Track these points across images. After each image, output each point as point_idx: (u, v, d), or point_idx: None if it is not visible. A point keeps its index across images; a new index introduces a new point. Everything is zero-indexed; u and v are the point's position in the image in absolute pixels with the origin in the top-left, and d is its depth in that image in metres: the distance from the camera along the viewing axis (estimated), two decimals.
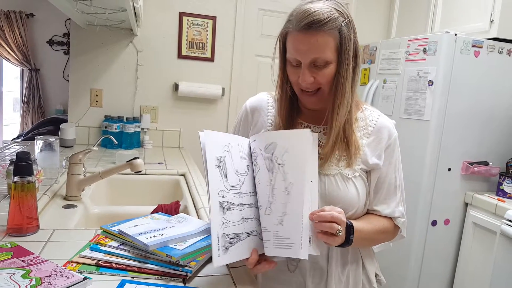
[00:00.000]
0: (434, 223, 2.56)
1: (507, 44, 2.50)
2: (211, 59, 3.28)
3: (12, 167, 1.21)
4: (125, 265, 1.01)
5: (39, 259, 1.00)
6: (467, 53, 2.44)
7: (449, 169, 2.53)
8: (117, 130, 2.98)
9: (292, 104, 1.17)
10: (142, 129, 3.16)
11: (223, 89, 3.31)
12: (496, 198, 2.39)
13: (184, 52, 3.22)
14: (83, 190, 1.77)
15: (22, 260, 0.99)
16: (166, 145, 3.27)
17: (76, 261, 1.03)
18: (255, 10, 3.35)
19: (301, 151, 0.99)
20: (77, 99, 3.09)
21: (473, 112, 2.51)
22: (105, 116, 3.08)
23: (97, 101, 3.11)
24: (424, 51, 2.52)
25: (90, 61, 3.07)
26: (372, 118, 1.16)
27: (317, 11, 1.00)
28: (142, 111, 3.19)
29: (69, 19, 3.18)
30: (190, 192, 1.97)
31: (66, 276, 0.92)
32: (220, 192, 0.95)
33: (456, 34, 2.41)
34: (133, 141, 3.05)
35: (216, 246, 0.91)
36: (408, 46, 2.67)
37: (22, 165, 1.16)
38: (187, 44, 3.22)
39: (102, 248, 1.07)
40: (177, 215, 1.29)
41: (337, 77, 1.05)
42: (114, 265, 1.02)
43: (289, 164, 0.99)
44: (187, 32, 3.20)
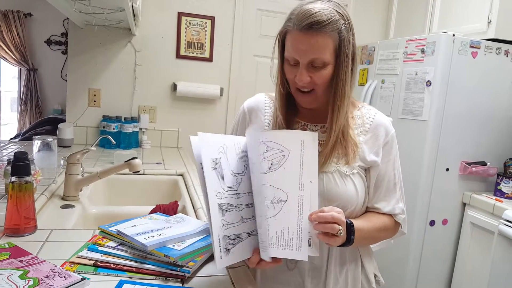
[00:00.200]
0: (432, 223, 2.56)
1: (505, 45, 2.50)
2: (210, 59, 3.28)
3: (10, 167, 1.21)
4: (123, 266, 1.01)
5: (37, 260, 1.00)
6: (465, 54, 2.45)
7: (447, 169, 2.53)
8: (115, 130, 2.98)
9: (289, 103, 1.17)
10: (140, 129, 3.16)
11: (222, 89, 3.30)
12: (494, 198, 2.40)
13: (183, 52, 3.21)
14: (81, 190, 1.77)
15: (20, 261, 0.99)
16: (165, 145, 3.26)
17: (74, 262, 1.02)
18: (254, 10, 3.35)
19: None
20: (75, 99, 3.08)
21: (471, 113, 2.52)
22: (103, 116, 3.08)
23: (95, 101, 3.10)
24: (422, 52, 2.53)
25: (88, 61, 3.06)
26: (369, 116, 1.16)
27: (319, 12, 1.00)
28: (141, 111, 3.19)
29: (67, 19, 3.18)
30: (189, 192, 1.97)
31: (64, 277, 0.92)
32: (218, 194, 0.94)
33: (454, 35, 2.42)
34: (131, 141, 3.04)
35: (218, 248, 0.91)
36: (406, 47, 2.67)
37: (20, 165, 1.15)
38: (186, 44, 3.21)
39: (100, 249, 1.07)
40: (176, 215, 1.29)
41: (336, 80, 1.05)
42: (112, 266, 1.01)
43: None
44: (186, 32, 3.20)
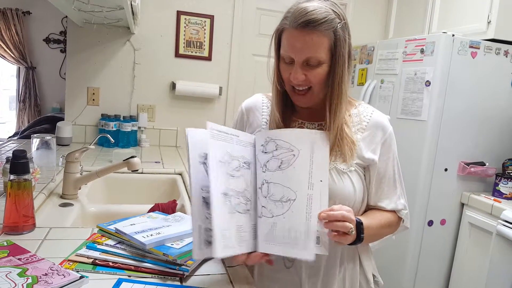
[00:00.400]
0: (431, 223, 2.56)
1: (504, 45, 2.51)
2: (209, 58, 3.28)
3: (9, 165, 1.20)
4: (122, 264, 1.01)
5: (36, 258, 1.00)
6: (464, 54, 2.45)
7: (446, 170, 2.53)
8: (114, 129, 2.98)
9: (286, 101, 1.17)
10: (139, 128, 3.16)
11: (221, 88, 3.30)
12: (492, 199, 2.40)
13: (182, 51, 3.21)
14: (80, 189, 1.77)
15: (19, 259, 0.99)
16: (163, 144, 3.26)
17: (73, 260, 1.02)
18: (253, 9, 3.34)
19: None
20: (74, 98, 3.08)
21: (470, 113, 2.52)
22: (102, 115, 3.07)
23: (94, 100, 3.10)
24: (422, 52, 2.53)
25: (87, 60, 3.06)
26: (366, 114, 1.17)
27: (315, 10, 1.00)
28: (139, 110, 3.19)
29: (66, 17, 3.17)
30: (187, 191, 1.97)
31: (63, 275, 0.92)
32: (204, 188, 0.94)
33: (454, 35, 2.42)
34: (130, 140, 3.04)
35: (198, 239, 0.91)
36: (406, 47, 2.67)
37: (19, 163, 1.15)
38: (185, 43, 3.21)
39: (99, 247, 1.07)
40: (174, 214, 1.29)
41: (333, 78, 1.06)
42: (111, 264, 1.01)
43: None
44: (185, 31, 3.19)
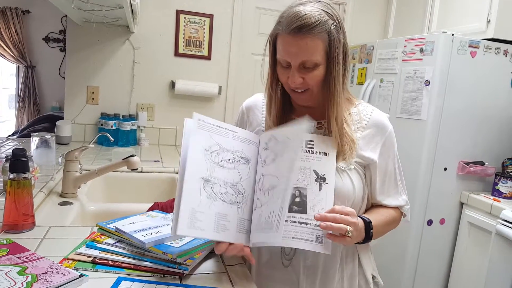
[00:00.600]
0: (430, 223, 2.56)
1: (504, 45, 2.51)
2: (208, 57, 3.28)
3: (8, 164, 1.20)
4: (122, 263, 1.01)
5: (35, 256, 1.00)
6: (464, 53, 2.45)
7: (445, 169, 2.53)
8: (114, 128, 2.98)
9: (285, 101, 1.18)
10: (139, 127, 3.16)
11: (220, 88, 3.30)
12: (492, 198, 2.40)
13: (181, 50, 3.21)
14: (79, 187, 1.77)
15: (18, 257, 0.99)
16: (163, 143, 3.26)
17: (72, 258, 1.02)
18: (253, 9, 3.34)
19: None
20: (73, 96, 3.08)
21: (470, 112, 2.52)
22: (101, 114, 3.07)
23: (93, 99, 3.10)
24: (421, 51, 2.53)
25: (87, 58, 3.05)
26: (366, 113, 1.17)
27: (307, 15, 1.01)
28: (139, 109, 3.19)
29: (66, 16, 3.17)
30: None
31: (62, 273, 0.92)
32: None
33: (453, 34, 2.42)
34: (130, 139, 3.04)
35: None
36: (405, 46, 2.67)
37: (18, 162, 1.15)
38: (184, 42, 3.21)
39: (99, 245, 1.07)
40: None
41: (328, 79, 1.06)
42: (111, 262, 1.01)
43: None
44: (184, 30, 3.19)
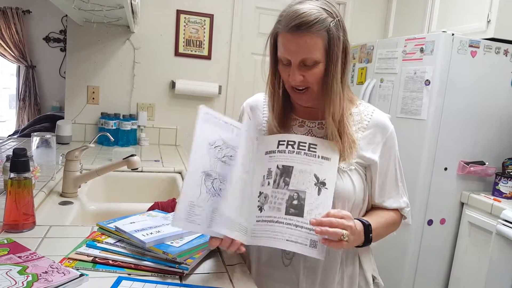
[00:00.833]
0: (430, 223, 2.56)
1: (504, 44, 2.51)
2: (208, 57, 3.28)
3: (9, 164, 1.20)
4: (122, 262, 1.01)
5: (36, 256, 1.00)
6: (464, 53, 2.45)
7: (445, 169, 2.53)
8: (114, 127, 2.98)
9: (286, 101, 1.18)
10: (139, 127, 3.16)
11: (220, 87, 3.30)
12: (492, 198, 2.40)
13: (181, 50, 3.21)
14: (80, 187, 1.77)
15: (19, 256, 0.99)
16: (163, 143, 3.26)
17: (73, 258, 1.02)
18: (253, 8, 3.35)
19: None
20: (74, 96, 3.08)
21: (470, 112, 2.52)
22: (102, 113, 3.07)
23: (94, 98, 3.10)
24: (421, 51, 2.53)
25: (87, 58, 3.06)
26: (367, 113, 1.17)
27: (305, 13, 1.01)
28: (139, 109, 3.19)
29: (66, 16, 3.17)
30: None
31: (63, 273, 0.92)
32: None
33: (453, 34, 2.42)
34: (130, 139, 3.04)
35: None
36: (405, 46, 2.67)
37: (19, 162, 1.15)
38: (184, 42, 3.21)
39: (99, 245, 1.07)
40: (174, 213, 1.29)
41: (327, 76, 1.06)
42: (111, 262, 1.01)
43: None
44: (184, 30, 3.19)
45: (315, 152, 1.05)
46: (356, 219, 1.04)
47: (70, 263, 1.00)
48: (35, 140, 1.80)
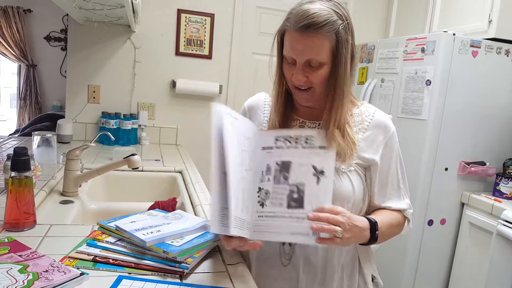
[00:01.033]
0: (431, 223, 2.56)
1: (505, 44, 2.50)
2: (209, 57, 3.28)
3: (10, 162, 1.21)
4: (122, 261, 1.01)
5: (36, 254, 1.00)
6: (465, 53, 2.45)
7: (446, 169, 2.53)
8: (114, 127, 2.98)
9: (288, 100, 1.18)
10: (139, 126, 3.16)
11: (221, 87, 3.30)
12: (493, 199, 2.40)
13: (182, 49, 3.21)
14: (80, 186, 1.77)
15: (19, 255, 0.99)
16: (163, 142, 3.26)
17: (73, 257, 1.02)
18: (253, 8, 3.34)
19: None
20: (75, 95, 3.08)
21: (471, 112, 2.52)
22: (103, 113, 3.08)
23: (95, 97, 3.10)
24: (422, 51, 2.53)
25: (88, 57, 3.06)
26: (368, 114, 1.16)
27: (316, 13, 1.00)
28: (140, 108, 3.19)
29: (67, 15, 3.17)
30: (187, 189, 1.97)
31: (63, 271, 0.92)
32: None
33: (455, 34, 2.42)
34: (130, 138, 3.04)
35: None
36: (406, 46, 2.67)
37: (20, 160, 1.16)
38: (185, 41, 3.21)
39: (99, 244, 1.07)
40: (174, 212, 1.30)
41: (334, 80, 1.05)
42: (111, 261, 1.01)
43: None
44: (185, 29, 3.19)
45: (313, 143, 1.04)
46: (363, 217, 1.04)
47: (71, 262, 1.00)
48: (36, 139, 1.80)
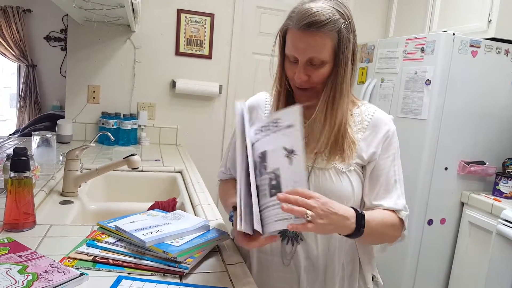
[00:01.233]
0: (430, 222, 2.56)
1: (505, 44, 2.51)
2: (209, 57, 3.28)
3: (9, 163, 1.20)
4: (122, 261, 1.01)
5: (36, 255, 1.00)
6: (465, 53, 2.45)
7: (446, 169, 2.53)
8: (114, 127, 2.98)
9: (289, 99, 1.17)
10: (139, 126, 3.16)
11: (221, 87, 3.30)
12: (492, 198, 2.40)
13: (182, 49, 3.21)
14: (80, 186, 1.77)
15: (19, 256, 0.99)
16: (163, 142, 3.26)
17: (73, 257, 1.02)
18: (253, 8, 3.34)
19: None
20: (74, 95, 3.08)
21: (470, 112, 2.52)
22: (102, 113, 3.07)
23: (94, 98, 3.10)
24: (422, 51, 2.53)
25: (88, 57, 3.06)
26: (368, 113, 1.16)
27: (318, 12, 1.00)
28: (139, 108, 3.19)
29: (67, 15, 3.17)
30: (187, 189, 1.97)
31: (63, 272, 0.92)
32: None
33: (454, 34, 2.42)
34: (130, 138, 3.04)
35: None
36: (406, 45, 2.67)
37: (19, 161, 1.15)
38: (185, 41, 3.21)
39: (99, 244, 1.07)
40: (174, 212, 1.30)
41: (334, 78, 1.06)
42: (111, 261, 1.01)
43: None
44: (185, 29, 3.19)
45: (280, 124, 0.99)
46: (351, 207, 0.99)
47: (70, 262, 1.00)
48: (36, 139, 1.81)
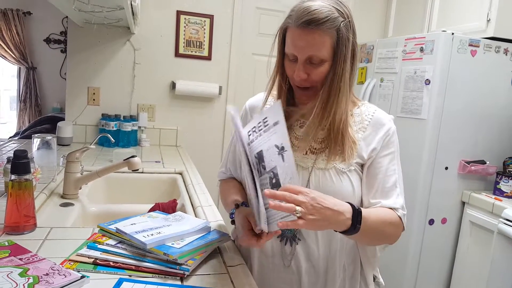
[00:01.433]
0: (431, 222, 2.56)
1: (504, 43, 2.51)
2: (209, 58, 3.28)
3: (9, 165, 1.21)
4: (123, 264, 1.01)
5: (37, 258, 1.00)
6: (464, 52, 2.45)
7: (446, 168, 2.53)
8: (114, 129, 2.98)
9: (289, 99, 1.17)
10: (139, 128, 3.16)
11: (220, 88, 3.30)
12: (493, 197, 2.40)
13: (181, 51, 3.21)
14: (80, 189, 1.77)
15: (20, 259, 0.99)
16: (163, 144, 3.26)
17: (74, 260, 1.02)
18: (253, 9, 3.34)
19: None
20: (74, 98, 3.08)
21: (470, 111, 2.52)
22: (102, 115, 3.07)
23: (94, 100, 3.10)
24: (421, 50, 2.53)
25: (87, 60, 3.06)
26: (368, 113, 1.16)
27: (317, 10, 1.01)
28: (139, 110, 3.19)
29: (67, 17, 3.18)
30: (187, 191, 1.97)
31: (64, 275, 0.92)
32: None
33: (453, 33, 2.42)
34: (130, 140, 3.04)
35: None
36: (405, 45, 2.67)
37: (20, 163, 1.16)
38: (184, 43, 3.21)
39: (100, 247, 1.07)
40: (174, 214, 1.29)
41: (332, 76, 1.06)
42: (112, 264, 1.01)
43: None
44: (185, 31, 3.19)
45: (268, 123, 0.98)
46: (347, 203, 0.98)
47: (71, 265, 1.00)
48: (36, 142, 1.81)
